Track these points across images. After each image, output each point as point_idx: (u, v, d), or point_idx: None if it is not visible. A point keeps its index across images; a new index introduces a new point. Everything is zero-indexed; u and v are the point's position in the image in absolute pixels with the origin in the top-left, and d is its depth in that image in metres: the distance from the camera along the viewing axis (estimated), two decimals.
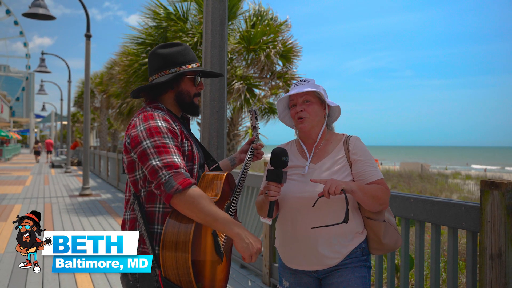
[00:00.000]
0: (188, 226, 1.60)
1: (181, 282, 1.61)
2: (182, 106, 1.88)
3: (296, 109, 1.97)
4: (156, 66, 1.85)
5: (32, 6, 10.96)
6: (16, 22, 78.04)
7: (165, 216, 1.70)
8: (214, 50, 2.78)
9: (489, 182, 2.28)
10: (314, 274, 1.97)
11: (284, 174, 1.82)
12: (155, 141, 1.65)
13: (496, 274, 2.22)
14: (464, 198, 14.23)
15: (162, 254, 1.61)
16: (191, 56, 1.87)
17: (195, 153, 1.81)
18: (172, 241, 1.60)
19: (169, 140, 1.67)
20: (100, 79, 21.13)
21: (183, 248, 1.57)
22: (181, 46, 1.88)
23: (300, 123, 1.97)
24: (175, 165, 1.62)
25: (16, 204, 9.85)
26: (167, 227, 1.63)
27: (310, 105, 1.97)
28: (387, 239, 1.96)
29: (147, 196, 1.72)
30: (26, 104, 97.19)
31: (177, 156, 1.65)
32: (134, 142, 1.69)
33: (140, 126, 1.70)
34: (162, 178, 1.60)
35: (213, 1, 2.82)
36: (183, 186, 1.58)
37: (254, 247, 1.63)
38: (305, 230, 1.91)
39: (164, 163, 1.61)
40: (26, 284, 4.38)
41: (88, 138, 12.24)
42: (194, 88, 1.88)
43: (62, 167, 22.95)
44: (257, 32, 9.30)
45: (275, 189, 1.81)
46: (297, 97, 1.98)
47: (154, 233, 1.69)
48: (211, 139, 2.83)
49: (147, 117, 1.72)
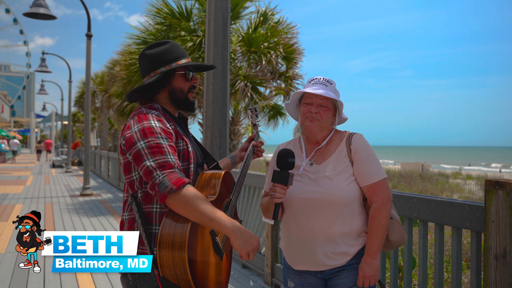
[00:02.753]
0: (184, 225, 1.59)
1: (179, 282, 1.60)
2: (176, 104, 1.87)
3: (311, 109, 1.92)
4: (146, 67, 1.85)
5: (33, 5, 10.95)
6: (16, 20, 78.15)
7: (162, 217, 1.69)
8: (217, 49, 2.77)
9: (494, 181, 2.27)
10: (319, 275, 1.97)
11: (290, 175, 1.79)
12: (149, 142, 1.64)
13: (501, 274, 2.21)
14: (465, 198, 14.21)
15: (159, 254, 1.61)
16: (179, 52, 1.86)
17: (191, 152, 1.80)
18: (168, 241, 1.59)
19: (163, 140, 1.66)
20: (101, 79, 21.13)
21: (180, 248, 1.56)
22: (167, 44, 1.87)
23: (310, 122, 1.93)
24: (169, 165, 1.61)
25: (17, 204, 9.84)
26: (163, 227, 1.62)
27: (326, 111, 1.94)
28: (394, 236, 1.96)
29: (144, 196, 1.72)
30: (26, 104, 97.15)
31: (171, 156, 1.65)
32: (128, 143, 1.69)
33: (134, 127, 1.70)
34: (156, 179, 1.59)
35: (216, 0, 2.81)
36: (177, 186, 1.58)
37: (251, 245, 1.62)
38: (310, 231, 1.90)
39: (158, 164, 1.61)
40: (28, 284, 4.38)
41: (89, 138, 12.24)
42: (187, 84, 1.86)
43: (63, 167, 22.94)
44: (259, 35, 9.28)
45: (281, 191, 1.78)
46: (316, 98, 1.93)
47: (152, 233, 1.69)
48: (214, 139, 2.82)
49: (141, 118, 1.72)
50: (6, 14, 77.58)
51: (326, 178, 1.90)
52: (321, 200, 1.87)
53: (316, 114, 1.92)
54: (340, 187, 1.87)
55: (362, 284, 1.86)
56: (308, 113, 1.94)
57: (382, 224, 1.87)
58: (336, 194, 1.86)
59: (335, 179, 1.89)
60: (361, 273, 1.87)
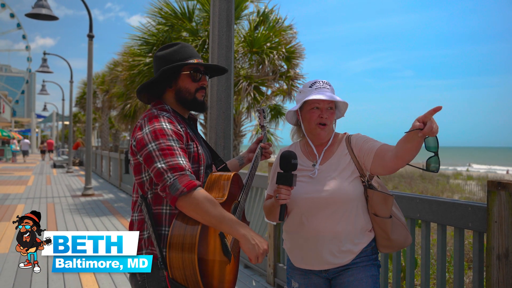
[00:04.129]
0: (195, 227, 1.61)
1: (188, 283, 1.61)
2: (184, 104, 1.87)
3: (322, 115, 1.95)
4: (156, 68, 1.87)
5: (35, 6, 10.98)
6: (19, 25, 78.31)
7: (172, 218, 1.71)
8: (221, 51, 2.79)
9: (496, 182, 2.29)
10: (324, 274, 1.98)
11: (294, 176, 1.81)
12: (160, 144, 1.65)
13: (504, 275, 2.23)
14: (466, 198, 14.21)
15: (169, 255, 1.62)
16: (187, 53, 1.86)
17: (201, 155, 1.81)
18: (178, 242, 1.61)
19: (174, 142, 1.67)
20: (102, 79, 21.15)
21: (190, 249, 1.58)
22: (177, 45, 1.88)
23: (322, 129, 1.96)
24: (180, 167, 1.62)
25: (19, 204, 9.86)
26: (173, 229, 1.64)
27: (333, 114, 1.99)
28: (395, 235, 1.97)
29: (154, 198, 1.73)
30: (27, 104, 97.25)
31: (182, 158, 1.65)
32: (139, 145, 1.69)
33: (145, 128, 1.70)
34: (168, 181, 1.60)
35: (220, 1, 2.83)
36: (188, 189, 1.59)
37: (260, 248, 1.63)
38: (316, 230, 1.92)
39: (169, 166, 1.61)
40: (31, 284, 4.40)
41: (90, 138, 12.25)
42: (194, 84, 1.86)
43: (64, 167, 22.96)
44: (261, 36, 9.30)
45: (286, 192, 1.80)
46: (324, 102, 1.95)
47: (162, 234, 1.70)
48: (218, 140, 2.84)
49: (152, 119, 1.72)
50: (11, 19, 77.81)
51: (329, 177, 1.93)
52: (326, 199, 1.89)
53: (326, 119, 1.96)
54: (344, 185, 1.90)
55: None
56: (318, 118, 1.96)
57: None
58: (340, 192, 1.89)
59: (338, 177, 1.92)
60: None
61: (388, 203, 1.92)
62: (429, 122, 1.49)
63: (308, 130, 2.02)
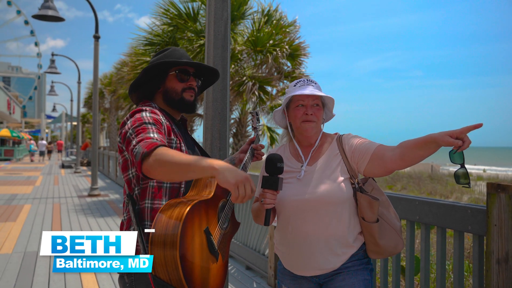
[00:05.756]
0: (177, 222, 1.55)
1: (171, 281, 1.56)
2: (172, 105, 1.88)
3: (307, 111, 1.90)
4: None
5: (42, 8, 11.06)
6: (27, 22, 79.37)
7: (154, 212, 1.69)
8: (216, 51, 2.75)
9: (496, 185, 2.23)
10: (315, 279, 1.94)
11: (280, 180, 1.75)
12: (136, 127, 1.65)
13: (504, 279, 2.17)
14: (475, 199, 14.05)
15: (151, 251, 1.58)
16: (175, 55, 1.89)
17: (184, 151, 1.79)
18: (160, 238, 1.56)
19: (150, 125, 1.66)
20: (110, 80, 21.27)
21: (171, 245, 1.53)
22: (168, 50, 1.92)
23: (308, 126, 1.91)
24: (147, 138, 1.57)
25: (25, 204, 9.94)
26: (156, 223, 1.59)
27: (319, 110, 1.93)
28: (384, 241, 1.89)
29: (141, 193, 1.73)
30: (37, 104, 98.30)
31: (154, 134, 1.61)
32: (123, 138, 1.71)
33: (128, 122, 1.72)
34: (134, 151, 1.55)
35: (216, 1, 2.80)
36: (148, 149, 1.51)
37: (239, 176, 1.41)
38: (304, 234, 1.87)
39: (138, 139, 1.59)
40: (33, 284, 4.41)
41: (96, 139, 12.31)
42: (181, 84, 1.87)
43: (72, 168, 23.14)
44: (264, 35, 9.26)
45: (271, 196, 1.74)
46: (308, 99, 1.91)
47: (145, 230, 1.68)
48: (214, 141, 2.80)
49: (135, 113, 1.75)
50: (25, 26, 79.18)
51: (317, 178, 1.88)
52: (315, 201, 1.84)
53: (312, 115, 1.90)
54: (333, 186, 1.84)
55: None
56: (304, 115, 1.91)
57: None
58: (328, 194, 1.83)
59: (327, 179, 1.86)
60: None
61: (374, 208, 1.85)
62: (467, 139, 1.49)
63: (295, 129, 1.99)
